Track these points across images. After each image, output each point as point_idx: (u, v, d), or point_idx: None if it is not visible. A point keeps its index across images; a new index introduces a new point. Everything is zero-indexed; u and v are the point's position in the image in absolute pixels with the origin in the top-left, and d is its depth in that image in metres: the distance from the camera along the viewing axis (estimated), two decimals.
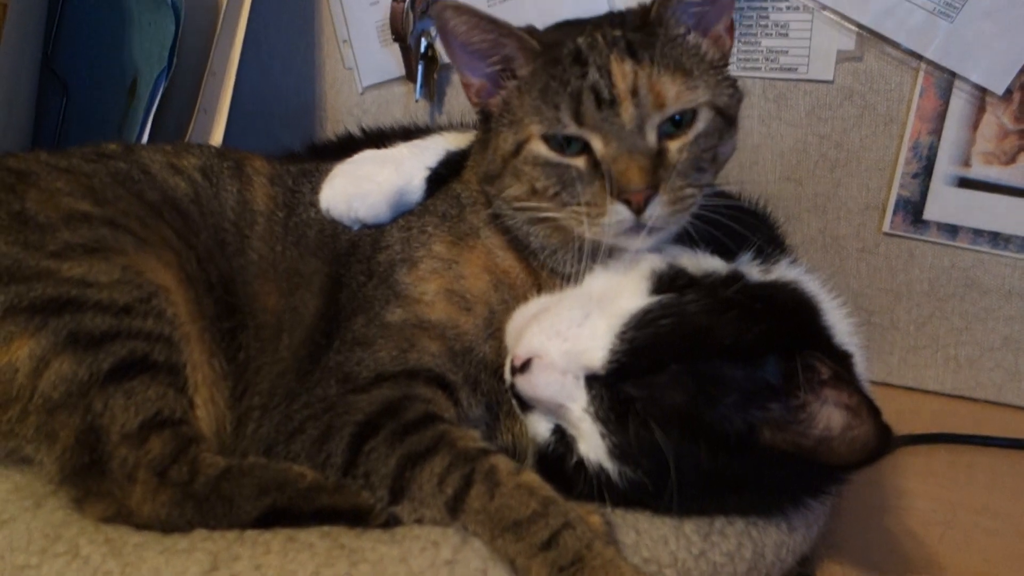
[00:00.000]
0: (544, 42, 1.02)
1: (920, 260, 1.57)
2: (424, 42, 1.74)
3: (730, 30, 1.06)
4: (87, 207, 1.02)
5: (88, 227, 0.99)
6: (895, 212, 1.55)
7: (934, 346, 1.61)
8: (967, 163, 1.48)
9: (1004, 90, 1.42)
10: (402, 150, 1.17)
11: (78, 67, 1.72)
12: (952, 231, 1.52)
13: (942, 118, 1.47)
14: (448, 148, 1.18)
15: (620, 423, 0.88)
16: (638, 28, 1.01)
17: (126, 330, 0.93)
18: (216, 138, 1.60)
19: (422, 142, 1.20)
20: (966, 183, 1.49)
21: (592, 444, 0.90)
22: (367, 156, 1.17)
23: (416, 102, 1.81)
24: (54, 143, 1.71)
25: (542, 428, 0.96)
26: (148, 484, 0.88)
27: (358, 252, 1.11)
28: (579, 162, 0.97)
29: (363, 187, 1.12)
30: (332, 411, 0.96)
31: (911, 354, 1.62)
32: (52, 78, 1.72)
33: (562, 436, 0.94)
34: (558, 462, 0.94)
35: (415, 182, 1.13)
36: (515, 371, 0.93)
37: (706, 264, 0.99)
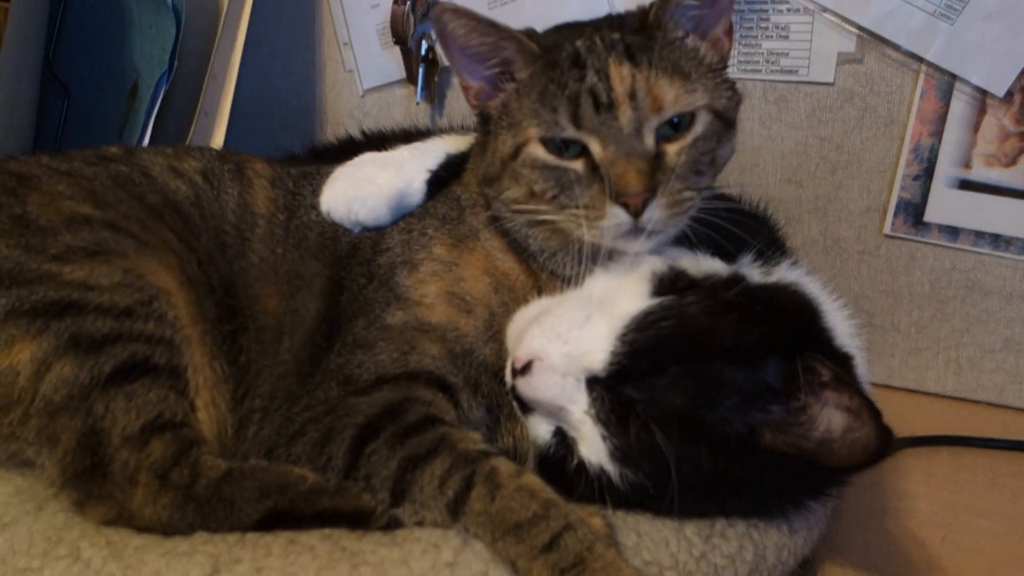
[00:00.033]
0: (543, 45, 1.02)
1: (921, 262, 1.57)
2: (425, 45, 1.75)
3: (729, 33, 1.05)
4: (88, 210, 1.02)
5: (89, 230, 0.99)
6: (896, 214, 1.55)
7: (935, 348, 1.61)
8: (968, 165, 1.48)
9: (1005, 92, 1.42)
10: (402, 153, 1.17)
11: (79, 70, 1.72)
12: (953, 233, 1.52)
13: (943, 120, 1.47)
14: (448, 151, 1.18)
15: (621, 425, 0.88)
16: (636, 31, 1.01)
17: (127, 333, 0.93)
18: (217, 141, 1.60)
19: (422, 145, 1.20)
20: (967, 185, 1.49)
21: (593, 446, 0.90)
22: (368, 159, 1.17)
23: (417, 105, 1.81)
24: (55, 146, 1.71)
25: (543, 430, 0.96)
26: (149, 487, 0.88)
27: (359, 254, 1.11)
28: (577, 165, 0.97)
29: (364, 190, 1.12)
30: (333, 413, 0.96)
31: (912, 356, 1.62)
32: (53, 81, 1.72)
33: (563, 438, 0.94)
34: (559, 464, 0.94)
35: (415, 185, 1.13)
36: (516, 373, 0.93)
37: (707, 266, 0.99)
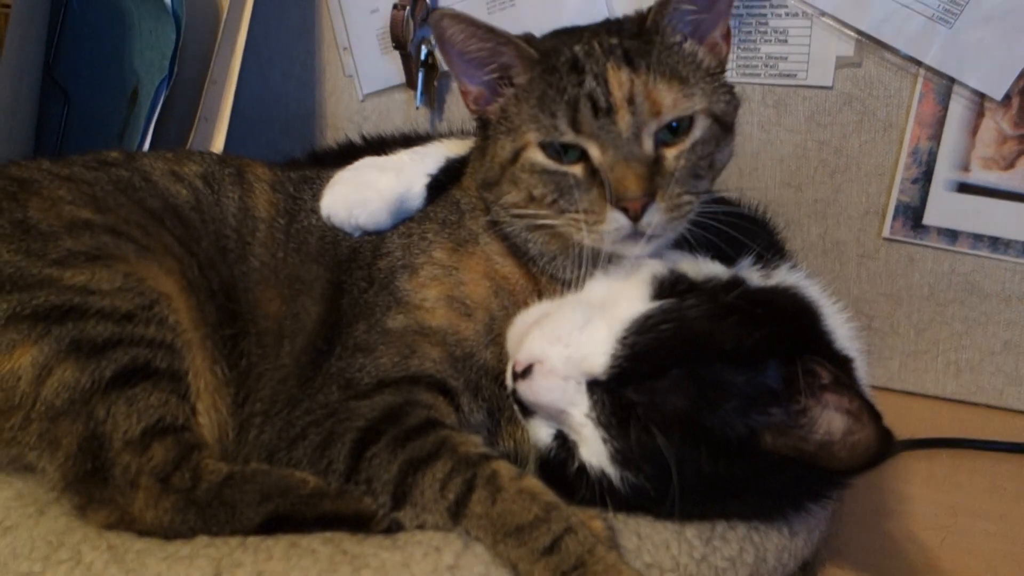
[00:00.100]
0: (541, 50, 1.02)
1: (920, 265, 1.57)
2: (424, 50, 1.75)
3: (727, 37, 1.06)
4: (89, 215, 1.02)
5: (90, 235, 0.99)
6: (895, 217, 1.55)
7: (934, 351, 1.61)
8: (966, 168, 1.48)
9: (1003, 95, 1.43)
10: (402, 157, 1.18)
11: (79, 75, 1.72)
12: (952, 236, 1.52)
13: (941, 123, 1.48)
14: (448, 155, 1.18)
15: (622, 428, 0.89)
16: (635, 36, 1.01)
17: (128, 337, 0.93)
18: (217, 146, 1.60)
19: (422, 149, 1.21)
20: (966, 188, 1.49)
21: (594, 449, 0.90)
22: (368, 163, 1.17)
23: (416, 109, 1.82)
24: (55, 151, 1.71)
25: (544, 433, 0.96)
26: (151, 491, 0.88)
27: (359, 258, 1.11)
28: (576, 170, 0.97)
29: (364, 194, 1.12)
30: (334, 417, 0.96)
31: (911, 359, 1.62)
32: (53, 86, 1.72)
33: (564, 441, 0.94)
34: (560, 467, 0.94)
35: (415, 189, 1.13)
36: (517, 377, 0.93)
37: (706, 269, 0.99)
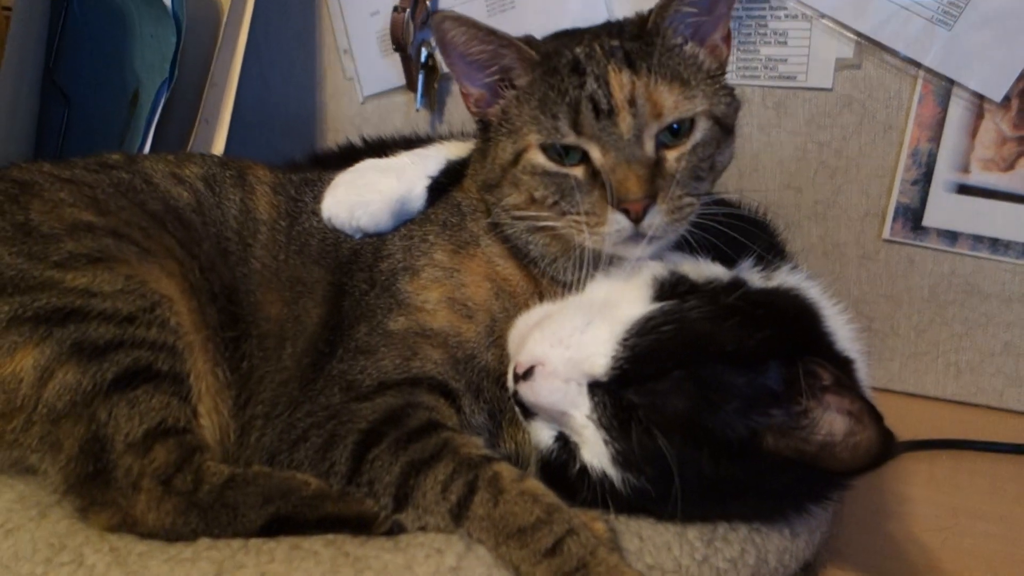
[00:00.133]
0: (542, 52, 1.02)
1: (920, 266, 1.57)
2: (424, 52, 1.75)
3: (727, 39, 1.06)
4: (90, 217, 1.02)
5: (91, 237, 0.99)
6: (895, 219, 1.55)
7: (935, 352, 1.61)
8: (966, 170, 1.48)
9: (1002, 97, 1.43)
10: (403, 159, 1.18)
11: (80, 78, 1.72)
12: (952, 237, 1.52)
13: (941, 125, 1.48)
14: (449, 157, 1.18)
15: (623, 430, 0.89)
16: (635, 38, 1.02)
17: (130, 340, 0.93)
18: (218, 148, 1.60)
19: (423, 151, 1.21)
20: (965, 189, 1.49)
21: (595, 451, 0.91)
22: (369, 165, 1.17)
23: (417, 111, 1.82)
24: (56, 154, 1.70)
25: (545, 435, 0.96)
26: (152, 493, 0.88)
27: (360, 260, 1.11)
28: (578, 171, 0.97)
29: (365, 196, 1.12)
30: (335, 419, 0.96)
31: (912, 360, 1.62)
32: (54, 89, 1.72)
33: (565, 443, 0.94)
34: (561, 469, 0.94)
35: (416, 191, 1.13)
36: (518, 379, 0.93)
37: (707, 271, 0.99)
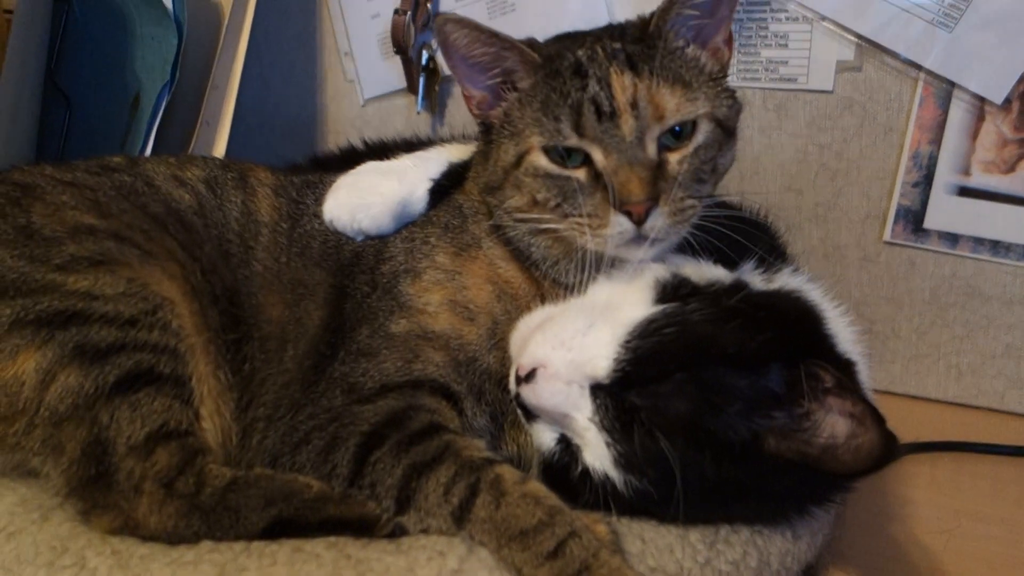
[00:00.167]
0: (544, 54, 1.02)
1: (921, 269, 1.57)
2: (425, 54, 1.75)
3: (729, 42, 1.06)
4: (92, 220, 1.02)
5: (93, 240, 0.99)
6: (896, 221, 1.55)
7: (936, 354, 1.61)
8: (967, 172, 1.48)
9: (1003, 99, 1.43)
10: (405, 161, 1.18)
11: (81, 81, 1.72)
12: (953, 240, 1.52)
13: (942, 127, 1.48)
14: (451, 159, 1.18)
15: (625, 432, 0.89)
16: (637, 40, 1.02)
17: (132, 342, 0.93)
18: (219, 151, 1.60)
19: (425, 153, 1.21)
20: (966, 192, 1.49)
21: (597, 453, 0.91)
22: (370, 168, 1.17)
23: (418, 114, 1.82)
24: (57, 157, 1.70)
25: (547, 437, 0.96)
26: (154, 496, 0.88)
27: (362, 263, 1.11)
28: (580, 174, 0.97)
29: (366, 198, 1.12)
30: (337, 422, 0.96)
31: (913, 362, 1.62)
32: (55, 92, 1.72)
33: (567, 445, 0.94)
34: (563, 471, 0.94)
35: (418, 193, 1.13)
36: (520, 381, 0.93)
37: (709, 273, 0.99)
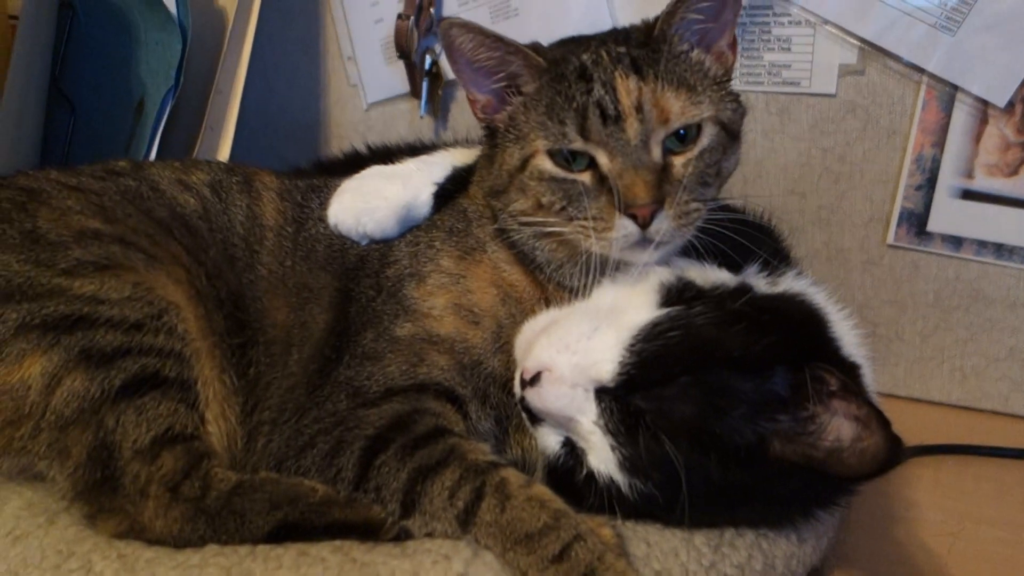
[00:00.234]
0: (549, 59, 1.03)
1: (925, 272, 1.57)
2: (428, 59, 1.76)
3: (733, 46, 1.06)
4: (97, 225, 1.03)
5: (99, 245, 1.00)
6: (899, 224, 1.55)
7: (940, 357, 1.61)
8: (970, 175, 1.48)
9: (1006, 102, 1.43)
10: (409, 166, 1.18)
11: (85, 86, 1.72)
12: (956, 243, 1.52)
13: (945, 131, 1.48)
14: (455, 164, 1.19)
15: (630, 436, 0.89)
16: (642, 45, 1.02)
17: (137, 346, 0.94)
18: (223, 155, 1.61)
19: (429, 158, 1.21)
20: (970, 195, 1.49)
21: (602, 457, 0.91)
22: (375, 172, 1.17)
23: (421, 118, 1.82)
24: (62, 162, 1.70)
25: (552, 441, 0.96)
26: (160, 500, 0.88)
27: (367, 267, 1.11)
28: (585, 177, 0.98)
29: (371, 202, 1.12)
30: (342, 425, 0.96)
31: (917, 365, 1.62)
32: (60, 97, 1.73)
33: (572, 449, 0.94)
34: (568, 475, 0.94)
35: (422, 197, 1.14)
36: (525, 384, 0.94)
37: (714, 277, 1.00)
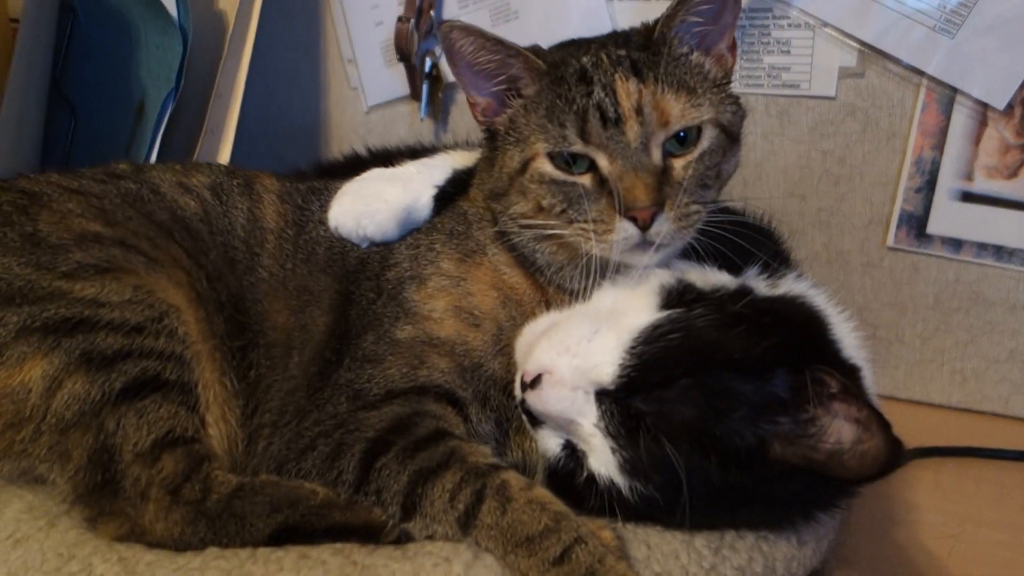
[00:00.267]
0: (550, 61, 1.03)
1: (924, 274, 1.57)
2: (429, 62, 1.76)
3: (732, 49, 1.07)
4: (98, 228, 1.03)
5: (99, 248, 1.00)
6: (899, 226, 1.55)
7: (940, 360, 1.61)
8: (970, 177, 1.48)
9: (1005, 105, 1.43)
10: (409, 168, 1.18)
11: (86, 89, 1.73)
12: (956, 245, 1.53)
13: (944, 133, 1.48)
14: (455, 166, 1.19)
15: (631, 438, 0.89)
16: (642, 47, 1.02)
17: (138, 349, 0.94)
18: (223, 158, 1.61)
19: (429, 160, 1.21)
20: (969, 197, 1.49)
21: (603, 459, 0.91)
22: (375, 174, 1.18)
23: (421, 121, 1.82)
24: (62, 165, 1.69)
25: (552, 443, 0.96)
26: (161, 502, 0.88)
27: (367, 269, 1.11)
28: (585, 180, 0.98)
29: (371, 205, 1.12)
30: (343, 428, 0.96)
31: (917, 368, 1.62)
32: (60, 100, 1.73)
33: (572, 451, 0.94)
34: (569, 477, 0.94)
35: (423, 200, 1.14)
36: (525, 387, 0.94)
37: (714, 279, 1.00)
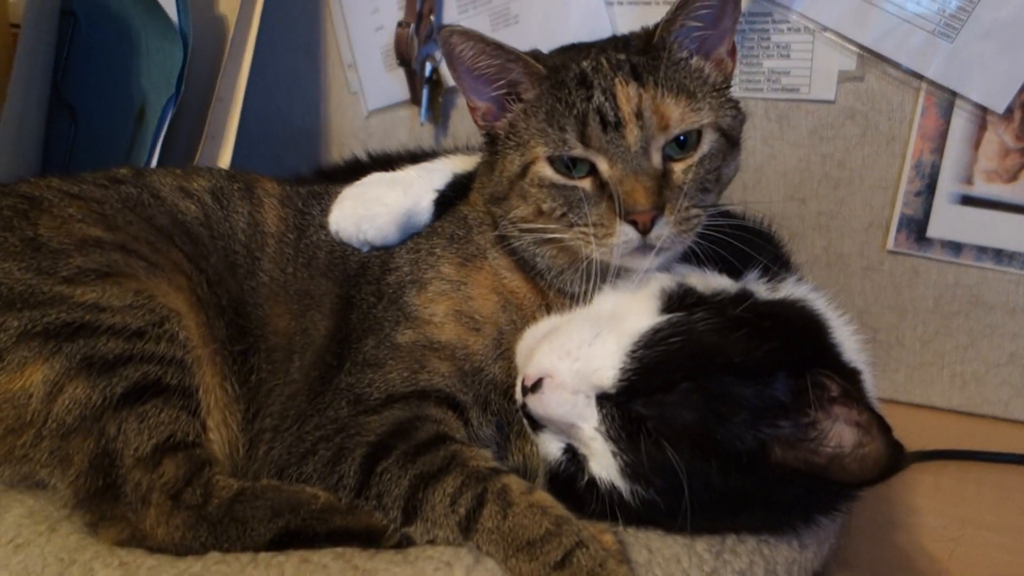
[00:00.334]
0: (550, 66, 1.03)
1: (924, 277, 1.57)
2: (429, 66, 1.77)
3: (732, 53, 1.07)
4: (99, 232, 1.03)
5: (100, 252, 1.00)
6: (899, 230, 1.56)
7: (940, 363, 1.61)
8: (970, 181, 1.49)
9: (1005, 108, 1.43)
10: (410, 173, 1.18)
11: (87, 94, 1.73)
12: (956, 248, 1.53)
13: (944, 137, 1.48)
14: (455, 171, 1.19)
15: (632, 442, 0.89)
16: (642, 52, 1.02)
17: (139, 354, 0.94)
18: (224, 163, 1.61)
19: (430, 165, 1.22)
20: (969, 201, 1.50)
21: (604, 463, 0.91)
22: (376, 179, 1.18)
23: (421, 125, 1.83)
24: (63, 169, 1.70)
25: (553, 447, 0.96)
26: (162, 507, 0.88)
27: (368, 273, 1.11)
28: (585, 184, 0.98)
29: (372, 209, 1.13)
30: (344, 432, 0.96)
31: (917, 371, 1.62)
32: (61, 105, 1.73)
33: (573, 455, 0.94)
34: (569, 481, 0.94)
35: (423, 204, 1.14)
36: (526, 391, 0.94)
37: (714, 283, 1.00)
